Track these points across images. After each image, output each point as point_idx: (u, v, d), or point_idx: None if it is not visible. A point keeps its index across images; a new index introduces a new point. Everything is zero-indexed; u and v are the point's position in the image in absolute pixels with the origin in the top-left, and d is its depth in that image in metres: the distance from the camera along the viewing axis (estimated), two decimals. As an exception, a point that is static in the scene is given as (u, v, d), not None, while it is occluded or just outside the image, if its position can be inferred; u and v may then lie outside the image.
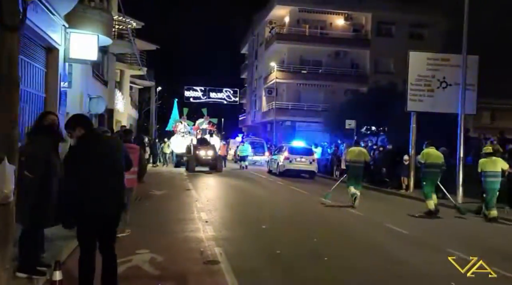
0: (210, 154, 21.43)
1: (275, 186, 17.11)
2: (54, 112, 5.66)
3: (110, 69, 21.61)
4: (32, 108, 10.61)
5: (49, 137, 4.73)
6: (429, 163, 10.59)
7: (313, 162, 21.13)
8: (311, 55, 38.21)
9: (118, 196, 4.09)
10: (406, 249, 7.06)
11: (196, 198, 12.14)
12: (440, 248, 7.05)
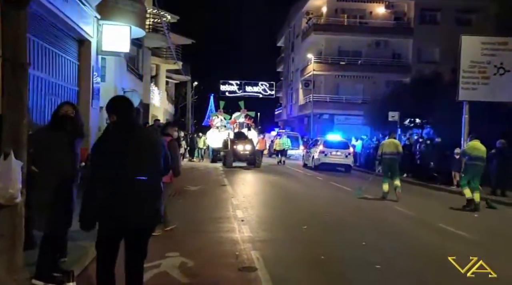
0: (248, 149, 20.54)
1: (314, 182, 16.31)
2: (73, 103, 5.10)
3: (145, 63, 21.48)
4: (64, 100, 10.39)
5: (59, 130, 4.21)
6: (474, 156, 10.36)
7: (349, 156, 20.98)
8: (349, 46, 36.85)
9: (151, 205, 3.27)
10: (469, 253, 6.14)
11: (232, 194, 11.58)
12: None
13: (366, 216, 9.21)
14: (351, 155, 21.18)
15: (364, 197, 11.63)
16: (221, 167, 20.62)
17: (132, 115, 3.44)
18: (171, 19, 25.81)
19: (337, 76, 37.05)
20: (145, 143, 3.31)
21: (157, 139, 3.57)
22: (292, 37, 45.71)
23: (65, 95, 10.34)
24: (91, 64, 11.32)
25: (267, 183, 14.97)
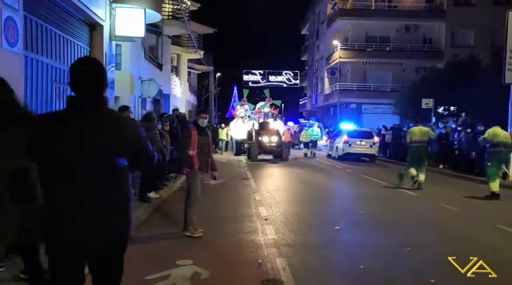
0: (275, 140, 19.03)
1: (343, 174, 15.25)
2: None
3: (165, 52, 20.77)
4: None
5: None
6: (495, 142, 10.03)
7: (373, 145, 20.58)
8: (377, 31, 35.22)
9: (115, 215, 2.28)
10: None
11: (255, 189, 10.70)
12: None
13: (406, 214, 8.17)
14: (376, 145, 20.74)
15: (399, 188, 10.65)
16: (245, 160, 19.60)
17: (91, 86, 2.33)
18: (191, 6, 24.99)
19: (364, 63, 35.52)
20: (111, 130, 2.28)
21: (131, 124, 2.44)
22: (316, 24, 44.25)
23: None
24: (104, 50, 10.58)
25: (292, 177, 14.02)
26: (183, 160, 6.10)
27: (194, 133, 5.88)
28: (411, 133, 11.17)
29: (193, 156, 5.87)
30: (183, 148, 6.00)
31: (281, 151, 18.81)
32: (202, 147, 5.93)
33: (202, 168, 6.02)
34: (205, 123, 6.12)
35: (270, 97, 23.64)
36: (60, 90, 8.74)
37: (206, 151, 6.05)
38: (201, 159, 5.94)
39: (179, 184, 11.47)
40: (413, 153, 10.96)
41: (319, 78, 43.42)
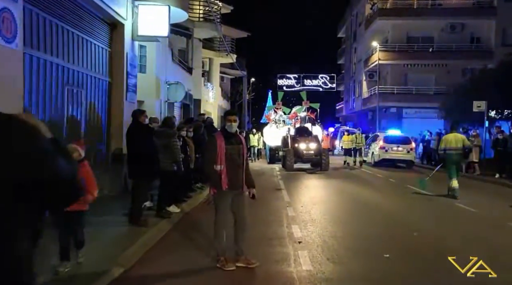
0: (313, 148, 17.04)
1: (386, 185, 13.82)
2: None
3: (196, 56, 20.09)
4: (93, 93, 8.99)
5: None
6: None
7: (410, 151, 20.09)
8: (420, 31, 33.27)
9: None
10: None
11: (288, 202, 9.57)
12: None
13: (471, 236, 6.79)
14: (413, 150, 20.30)
15: (460, 204, 9.24)
16: (278, 168, 18.30)
17: None
18: (223, 9, 24.28)
19: (405, 65, 33.60)
20: None
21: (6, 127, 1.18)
22: (354, 26, 42.64)
23: (93, 86, 8.94)
24: (125, 51, 9.86)
25: (329, 188, 12.73)
26: (209, 178, 4.98)
27: (220, 142, 4.65)
28: (445, 141, 10.75)
29: (220, 172, 4.61)
30: (208, 162, 4.79)
31: (320, 159, 16.91)
32: (232, 159, 4.69)
33: (235, 185, 4.74)
34: (235, 128, 4.84)
35: (307, 100, 21.59)
36: (74, 93, 8.02)
37: (239, 163, 4.75)
38: (232, 174, 4.70)
39: (205, 195, 10.52)
40: (450, 161, 10.53)
41: (356, 81, 41.73)
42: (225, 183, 4.65)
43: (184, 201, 9.22)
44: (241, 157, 4.80)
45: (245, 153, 4.89)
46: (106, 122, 9.41)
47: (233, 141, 4.78)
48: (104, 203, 8.41)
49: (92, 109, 8.86)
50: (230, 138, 4.76)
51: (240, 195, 4.91)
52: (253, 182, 5.02)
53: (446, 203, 9.93)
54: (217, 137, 4.75)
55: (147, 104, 12.12)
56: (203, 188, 11.19)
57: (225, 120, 4.87)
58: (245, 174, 4.85)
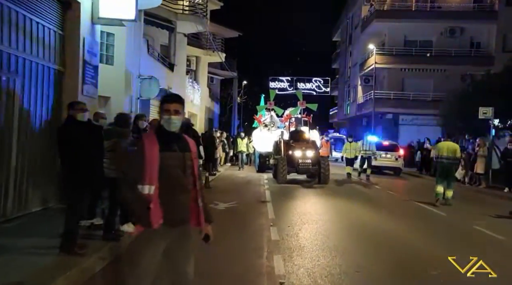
0: (310, 156, 14.20)
1: (388, 200, 12.12)
2: None
3: (180, 52, 18.48)
4: (37, 83, 7.35)
5: None
6: None
7: (399, 159, 19.92)
8: (418, 35, 32.06)
9: None
10: None
11: (272, 220, 7.96)
12: None
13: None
14: (401, 158, 20.12)
15: (479, 228, 7.72)
16: (266, 176, 16.45)
17: None
18: (212, 4, 22.74)
19: (402, 69, 32.30)
20: None
21: None
22: (350, 29, 41.37)
23: (38, 75, 7.30)
24: (82, 35, 8.22)
25: (323, 203, 10.97)
26: (129, 208, 3.05)
27: (151, 148, 2.78)
28: (438, 149, 10.79)
29: (149, 197, 2.75)
30: (127, 181, 2.86)
31: (319, 170, 14.08)
32: (171, 175, 2.84)
33: (175, 219, 2.88)
34: (177, 124, 2.91)
35: (303, 100, 18.76)
36: (2, 81, 6.38)
37: (183, 182, 2.91)
38: (171, 201, 2.84)
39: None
40: (441, 168, 10.62)
41: (351, 86, 40.39)
42: (156, 216, 2.76)
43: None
44: (189, 173, 2.94)
45: (196, 165, 3.00)
46: (53, 118, 7.74)
47: (175, 147, 2.89)
48: (45, 218, 6.79)
49: (30, 101, 7.21)
50: (169, 142, 2.88)
51: (183, 237, 2.99)
52: (209, 213, 3.18)
53: (463, 225, 8.43)
54: (146, 140, 2.85)
55: (114, 101, 10.50)
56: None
57: (162, 111, 2.92)
58: (196, 200, 3.02)
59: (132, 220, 3.44)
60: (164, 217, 2.81)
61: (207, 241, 3.11)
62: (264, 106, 20.13)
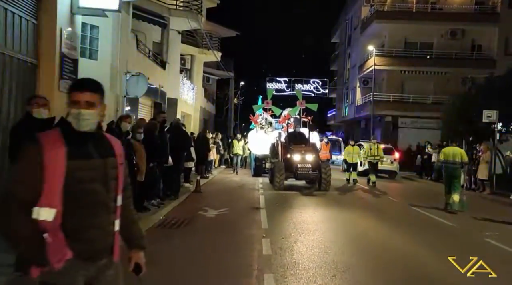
0: (310, 160, 13.12)
1: (391, 208, 11.40)
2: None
3: (173, 50, 17.77)
4: (8, 77, 6.65)
5: None
6: None
7: (394, 162, 19.79)
8: (418, 36, 31.41)
9: None
10: None
11: (265, 231, 7.25)
12: None
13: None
14: (396, 161, 20.06)
15: (491, 241, 7.05)
16: (262, 180, 15.66)
17: None
18: (208, 2, 22.06)
19: (402, 71, 31.64)
20: None
21: None
22: (349, 30, 40.75)
23: (10, 69, 6.59)
24: (59, 25, 7.53)
25: (322, 209, 10.25)
26: (15, 241, 1.92)
27: (51, 155, 1.91)
28: (443, 154, 10.70)
29: (45, 224, 1.89)
30: (8, 201, 1.89)
31: (320, 175, 13.01)
32: (86, 192, 2.00)
33: (93, 251, 2.02)
34: (91, 121, 2.03)
35: (303, 100, 17.38)
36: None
37: (104, 200, 2.06)
38: (85, 227, 1.99)
39: (161, 216, 8.22)
40: (446, 175, 10.52)
41: (350, 88, 39.75)
42: (59, 250, 1.90)
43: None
44: (112, 186, 2.10)
45: (121, 174, 2.15)
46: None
47: (91, 152, 2.04)
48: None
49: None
50: (81, 145, 2.02)
51: (106, 272, 2.10)
52: (141, 236, 2.36)
53: (473, 237, 7.74)
54: (45, 142, 1.95)
55: (98, 99, 9.75)
56: (160, 206, 8.89)
57: (69, 103, 2.03)
58: (123, 221, 2.18)
59: (19, 263, 2.32)
60: (75, 248, 1.93)
61: (138, 273, 2.28)
62: (261, 106, 18.76)
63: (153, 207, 8.66)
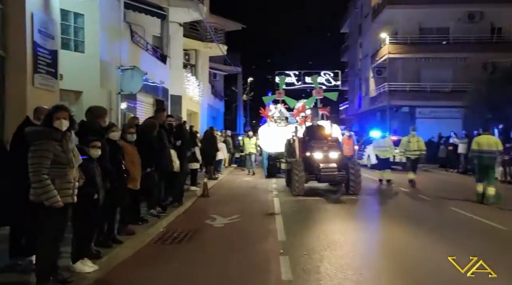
0: (335, 158, 10.90)
1: (431, 210, 9.56)
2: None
3: (175, 43, 16.61)
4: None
5: None
6: None
7: None
8: (433, 21, 29.84)
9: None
10: None
11: (282, 244, 6.04)
12: None
13: None
14: None
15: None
16: (275, 180, 14.19)
17: None
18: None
19: (418, 59, 30.10)
20: None
21: None
22: (359, 19, 39.18)
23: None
24: (28, 9, 6.39)
25: (349, 215, 8.83)
26: None
27: None
28: (477, 143, 9.90)
29: None
30: None
31: (347, 176, 10.79)
32: None
33: None
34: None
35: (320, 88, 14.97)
36: None
37: None
38: None
39: (161, 228, 7.09)
40: (480, 164, 9.77)
41: (362, 79, 38.24)
42: None
43: (120, 242, 5.81)
44: None
45: None
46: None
47: None
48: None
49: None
50: None
51: None
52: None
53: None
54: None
55: (87, 96, 8.68)
56: (160, 216, 7.74)
57: None
58: None
59: None
60: None
61: None
62: (272, 97, 16.54)
63: (153, 218, 7.51)
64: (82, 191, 4.32)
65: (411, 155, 12.99)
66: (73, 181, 4.11)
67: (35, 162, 3.90)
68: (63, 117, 4.11)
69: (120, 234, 6.19)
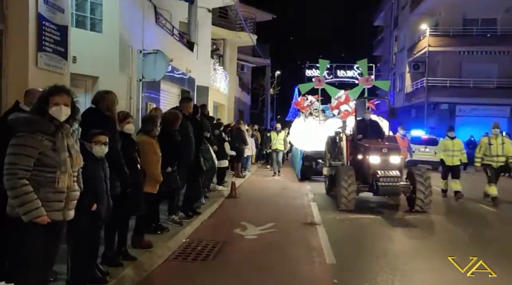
0: (397, 163, 8.50)
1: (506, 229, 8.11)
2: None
3: (203, 31, 15.50)
4: None
5: None
6: None
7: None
8: (479, 12, 27.64)
9: None
10: None
11: (332, 265, 4.82)
12: None
13: None
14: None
15: None
16: (308, 184, 12.31)
17: None
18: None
19: (460, 52, 28.06)
20: None
21: None
22: (395, 11, 37.18)
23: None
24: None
25: (425, 238, 6.70)
26: None
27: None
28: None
29: None
30: None
31: (413, 188, 8.29)
32: None
33: None
34: None
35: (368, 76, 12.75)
36: None
37: None
38: None
39: (184, 239, 5.98)
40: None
41: (397, 74, 36.29)
42: None
43: (133, 258, 4.72)
44: None
45: None
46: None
47: None
48: None
49: None
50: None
51: None
52: None
53: None
54: None
55: (104, 82, 7.63)
56: (182, 223, 6.62)
57: None
58: None
59: None
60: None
61: None
62: (312, 84, 13.93)
63: (174, 225, 6.41)
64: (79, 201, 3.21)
65: (493, 162, 9.73)
66: (65, 190, 2.98)
67: (11, 162, 2.80)
68: (63, 103, 2.98)
69: (135, 247, 5.13)
